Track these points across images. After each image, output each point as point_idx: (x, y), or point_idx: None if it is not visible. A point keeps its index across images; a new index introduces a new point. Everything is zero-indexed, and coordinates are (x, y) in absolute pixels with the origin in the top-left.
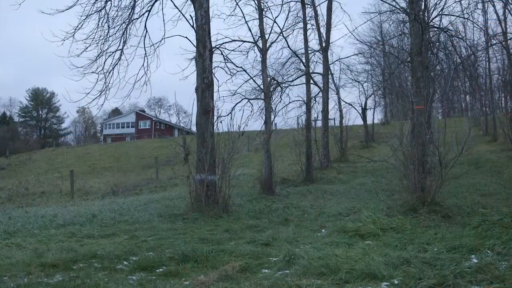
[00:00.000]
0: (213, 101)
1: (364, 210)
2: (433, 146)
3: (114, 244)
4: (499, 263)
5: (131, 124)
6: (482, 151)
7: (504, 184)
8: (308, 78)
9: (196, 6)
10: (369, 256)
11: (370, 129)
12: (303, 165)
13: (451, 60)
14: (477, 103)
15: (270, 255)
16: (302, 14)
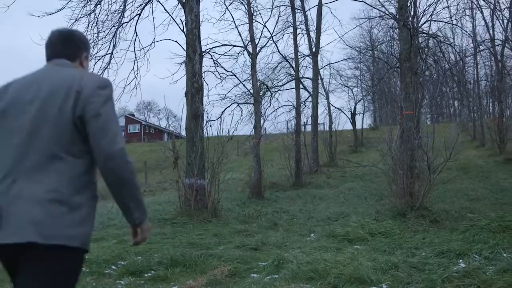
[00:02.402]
0: (203, 105)
1: (353, 215)
2: (421, 151)
3: (103, 248)
4: (486, 267)
5: (121, 128)
6: (470, 156)
7: (492, 189)
8: (297, 82)
9: (186, 11)
10: (358, 261)
11: (359, 134)
12: (292, 170)
13: (439, 65)
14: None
15: (259, 260)
16: (292, 19)
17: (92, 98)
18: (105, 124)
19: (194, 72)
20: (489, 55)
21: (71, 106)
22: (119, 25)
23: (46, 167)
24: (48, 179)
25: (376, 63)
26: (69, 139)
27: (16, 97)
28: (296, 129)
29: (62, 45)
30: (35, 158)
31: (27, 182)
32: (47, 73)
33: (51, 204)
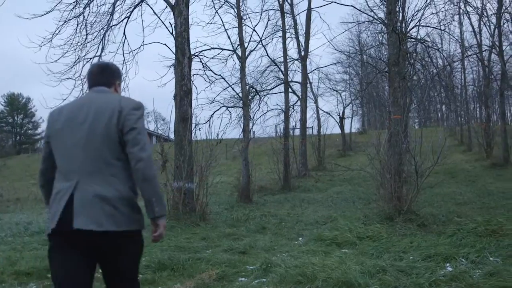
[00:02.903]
0: (192, 108)
1: (341, 219)
2: (409, 155)
3: None
4: (473, 271)
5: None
6: (457, 160)
7: (478, 193)
8: (286, 86)
9: (175, 14)
10: (346, 265)
11: (348, 138)
12: (280, 174)
13: (427, 70)
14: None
15: (247, 264)
16: (281, 23)
17: (129, 116)
18: (137, 135)
19: (183, 75)
20: (476, 60)
21: (115, 122)
22: (108, 28)
23: (104, 171)
24: (107, 180)
25: (365, 67)
26: (116, 147)
27: (70, 118)
28: (284, 133)
29: (100, 75)
30: (94, 164)
31: (90, 183)
32: (92, 99)
33: (115, 200)
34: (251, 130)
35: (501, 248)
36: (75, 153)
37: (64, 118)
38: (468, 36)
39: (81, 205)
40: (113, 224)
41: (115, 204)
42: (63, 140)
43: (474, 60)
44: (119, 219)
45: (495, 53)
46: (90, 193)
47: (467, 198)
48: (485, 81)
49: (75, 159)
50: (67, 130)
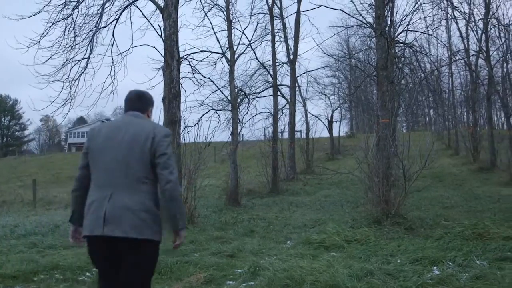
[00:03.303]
0: (180, 111)
1: (329, 222)
2: (397, 159)
3: (77, 255)
4: (460, 274)
5: None
6: (445, 164)
7: (465, 197)
8: (275, 90)
9: (164, 16)
10: (334, 268)
11: (336, 141)
12: (269, 177)
13: (415, 74)
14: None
15: (235, 267)
16: (271, 26)
17: (161, 143)
18: (167, 160)
19: (171, 78)
20: (464, 65)
21: (148, 147)
22: (96, 30)
23: (135, 187)
24: (138, 195)
25: (353, 71)
26: (148, 169)
27: (109, 136)
28: (273, 136)
29: (137, 102)
30: (128, 180)
31: (123, 196)
32: (129, 122)
33: (141, 212)
34: (240, 133)
35: (488, 252)
36: (111, 168)
37: (104, 136)
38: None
39: (111, 215)
40: (137, 232)
41: (140, 215)
42: (101, 156)
43: (461, 65)
44: (142, 228)
45: (482, 58)
46: (121, 205)
47: (454, 201)
48: (472, 86)
49: (111, 174)
50: (105, 147)
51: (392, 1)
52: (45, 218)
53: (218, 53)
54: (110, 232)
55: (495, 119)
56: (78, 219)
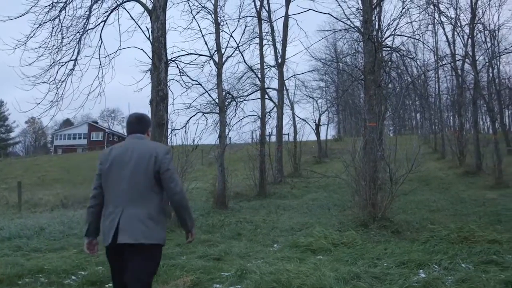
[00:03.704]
0: (168, 114)
1: (316, 225)
2: (384, 163)
3: (62, 258)
4: (445, 277)
5: (83, 136)
6: (431, 168)
7: (451, 200)
8: (263, 93)
9: (152, 18)
10: (320, 271)
11: (324, 145)
12: (256, 180)
13: (402, 79)
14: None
15: (222, 270)
16: (259, 30)
17: (164, 160)
18: (172, 175)
19: (159, 81)
20: (450, 70)
21: (152, 165)
22: (84, 31)
23: (143, 199)
24: (145, 207)
25: (341, 75)
26: (153, 183)
27: (118, 158)
28: (260, 139)
29: (138, 125)
30: (136, 195)
31: (132, 208)
32: (134, 144)
33: (148, 221)
34: (227, 136)
35: (473, 255)
36: (122, 185)
37: (113, 157)
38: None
39: (123, 225)
40: (144, 238)
41: (147, 224)
42: (112, 175)
43: (448, 69)
44: (149, 234)
45: (468, 63)
46: (131, 216)
47: (440, 205)
48: (458, 90)
49: (122, 190)
50: (115, 167)
51: (379, 6)
52: (31, 221)
53: (206, 55)
54: (123, 240)
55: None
56: (93, 232)
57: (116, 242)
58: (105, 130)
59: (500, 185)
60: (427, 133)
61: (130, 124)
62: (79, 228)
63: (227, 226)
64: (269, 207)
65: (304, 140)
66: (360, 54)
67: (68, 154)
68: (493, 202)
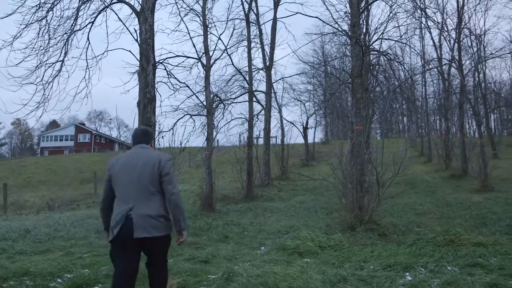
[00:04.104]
0: (155, 116)
1: (303, 228)
2: (371, 166)
3: (48, 260)
4: (431, 280)
5: (70, 137)
6: (418, 171)
7: (438, 203)
8: (251, 96)
9: (140, 20)
10: (307, 274)
11: (311, 147)
12: (244, 182)
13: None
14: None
15: (209, 273)
16: (247, 32)
17: (165, 165)
18: (171, 178)
19: (146, 83)
20: (437, 74)
21: (156, 169)
22: (71, 33)
23: (150, 199)
24: (153, 205)
25: (329, 78)
26: (157, 185)
27: (126, 163)
28: (248, 142)
29: (143, 137)
30: (143, 194)
31: (141, 207)
32: (139, 153)
33: (158, 217)
34: (215, 138)
35: (459, 258)
36: (130, 187)
37: (121, 163)
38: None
39: (137, 222)
40: (157, 232)
41: (157, 219)
42: (121, 178)
43: (434, 73)
44: (160, 228)
45: (455, 67)
46: (143, 214)
47: (426, 208)
48: (445, 94)
49: (131, 191)
50: (124, 172)
51: (367, 10)
52: (16, 223)
53: (194, 58)
54: (139, 235)
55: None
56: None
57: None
58: (92, 131)
59: (485, 188)
60: (414, 136)
61: (137, 136)
62: (65, 231)
63: (214, 228)
64: (257, 210)
65: (292, 143)
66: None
67: (55, 156)
68: (478, 205)
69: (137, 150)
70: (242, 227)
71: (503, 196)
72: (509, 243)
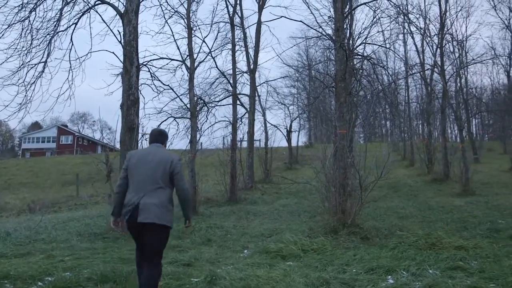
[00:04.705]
0: (138, 118)
1: (286, 231)
2: (354, 170)
3: (29, 264)
4: (413, 283)
5: (52, 139)
6: (400, 175)
7: (420, 207)
8: (235, 99)
9: (124, 22)
10: (290, 277)
11: (295, 151)
12: (227, 185)
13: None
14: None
15: (191, 276)
16: (231, 35)
17: (176, 165)
18: (181, 176)
19: (130, 85)
20: (420, 78)
21: (168, 167)
22: (54, 33)
23: (158, 191)
24: (159, 196)
25: (313, 82)
26: (167, 180)
27: (141, 158)
28: (232, 145)
29: (159, 137)
30: (153, 187)
31: (149, 197)
32: (155, 150)
33: (161, 207)
34: (199, 141)
35: (440, 261)
36: (143, 179)
37: (137, 157)
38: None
39: (142, 209)
40: (158, 220)
41: (160, 209)
42: (136, 169)
43: (417, 78)
44: (161, 217)
45: (437, 72)
46: (149, 202)
47: (409, 212)
48: (427, 99)
49: (143, 183)
50: (139, 165)
51: (351, 14)
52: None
53: (178, 60)
54: (143, 220)
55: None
56: (118, 213)
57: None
58: (75, 133)
59: (466, 192)
60: (397, 140)
61: (154, 135)
62: (47, 233)
63: (197, 232)
64: (240, 213)
65: (276, 146)
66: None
67: (37, 158)
68: (460, 209)
69: (153, 148)
70: (225, 230)
71: (483, 200)
72: (489, 247)
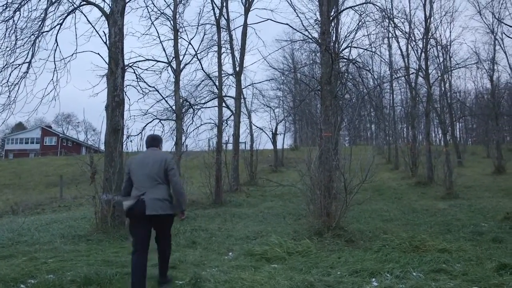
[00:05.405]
0: (123, 120)
1: (271, 234)
2: (339, 172)
3: (11, 266)
4: (397, 286)
5: (36, 140)
6: (385, 178)
7: (404, 210)
8: (220, 101)
9: (110, 23)
10: (275, 280)
11: (280, 153)
12: (212, 188)
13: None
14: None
15: (176, 279)
16: (217, 38)
17: (170, 163)
18: (174, 172)
19: (115, 86)
20: (404, 82)
21: (163, 165)
22: (39, 34)
23: (157, 187)
24: (160, 191)
25: (298, 85)
26: (163, 177)
27: (141, 161)
28: (217, 147)
29: (153, 141)
30: (152, 183)
31: (151, 192)
32: (151, 153)
33: (163, 201)
34: (184, 143)
35: (424, 264)
36: (143, 179)
37: (136, 162)
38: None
39: (148, 203)
40: (162, 211)
41: (162, 202)
42: (137, 172)
43: (402, 82)
44: (165, 208)
45: (422, 76)
46: (152, 198)
47: (393, 215)
48: (412, 103)
49: (144, 181)
50: (139, 168)
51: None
52: None
53: (164, 62)
54: (150, 212)
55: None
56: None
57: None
58: (59, 135)
59: (450, 195)
60: (382, 144)
61: (149, 141)
62: (30, 235)
63: (182, 234)
64: (225, 215)
65: (261, 149)
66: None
67: (20, 159)
68: (443, 212)
69: (149, 151)
70: (210, 232)
71: (467, 203)
72: (472, 249)
